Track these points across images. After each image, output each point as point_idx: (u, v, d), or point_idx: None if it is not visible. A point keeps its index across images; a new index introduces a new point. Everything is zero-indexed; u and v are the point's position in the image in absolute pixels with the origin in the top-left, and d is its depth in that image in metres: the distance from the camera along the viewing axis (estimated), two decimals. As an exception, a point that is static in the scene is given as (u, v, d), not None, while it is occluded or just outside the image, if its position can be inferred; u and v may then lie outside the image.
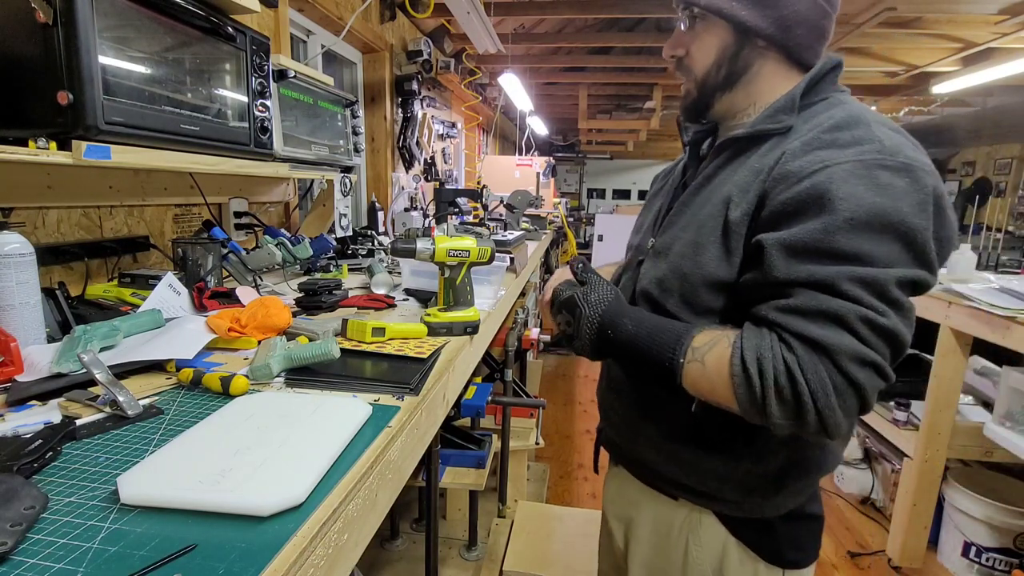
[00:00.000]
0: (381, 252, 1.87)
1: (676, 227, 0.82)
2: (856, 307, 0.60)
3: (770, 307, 0.65)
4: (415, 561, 1.95)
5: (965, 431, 2.06)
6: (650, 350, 0.72)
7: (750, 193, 0.72)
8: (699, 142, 0.92)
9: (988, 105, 5.54)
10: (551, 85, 6.10)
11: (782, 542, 0.82)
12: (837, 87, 0.78)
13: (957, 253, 2.34)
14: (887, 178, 0.62)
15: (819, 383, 0.59)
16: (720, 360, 0.66)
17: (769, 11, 0.74)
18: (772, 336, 0.63)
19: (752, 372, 0.62)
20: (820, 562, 2.22)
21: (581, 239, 9.75)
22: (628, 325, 0.75)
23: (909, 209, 0.62)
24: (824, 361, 0.60)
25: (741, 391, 0.64)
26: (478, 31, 2.72)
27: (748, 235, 0.71)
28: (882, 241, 0.61)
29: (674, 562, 0.87)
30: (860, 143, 0.65)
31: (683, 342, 0.70)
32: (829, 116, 0.71)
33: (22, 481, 0.50)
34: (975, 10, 3.13)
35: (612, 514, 1.01)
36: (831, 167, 0.64)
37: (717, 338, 0.68)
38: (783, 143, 0.72)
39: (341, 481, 0.54)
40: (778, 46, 0.77)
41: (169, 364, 0.83)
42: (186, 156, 1.13)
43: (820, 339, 0.60)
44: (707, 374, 0.67)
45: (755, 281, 0.68)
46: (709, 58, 0.80)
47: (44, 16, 0.84)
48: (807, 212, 0.64)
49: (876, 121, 0.69)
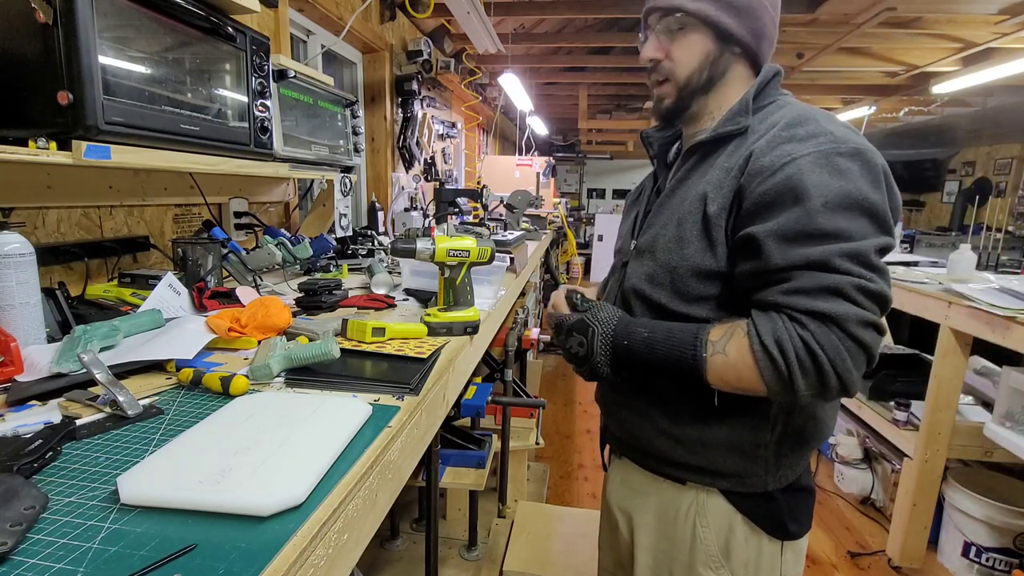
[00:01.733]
0: (381, 252, 1.87)
1: (656, 226, 0.88)
2: (849, 278, 0.68)
3: (775, 292, 0.72)
4: (415, 561, 1.95)
5: (965, 431, 2.06)
6: (670, 351, 0.77)
7: (724, 188, 0.79)
8: (665, 152, 1.01)
9: (988, 105, 5.54)
10: (551, 85, 6.10)
11: (783, 513, 0.87)
12: (780, 91, 0.87)
13: (957, 253, 2.34)
14: (844, 164, 0.72)
15: (834, 350, 0.67)
16: (741, 348, 0.72)
17: (746, 21, 0.83)
18: (783, 317, 0.70)
19: (775, 353, 0.69)
20: (820, 562, 2.23)
21: (581, 239, 9.75)
22: (642, 331, 0.80)
23: (868, 187, 0.71)
24: (834, 330, 0.68)
25: (768, 374, 0.70)
26: (478, 31, 2.72)
27: (727, 226, 0.79)
28: (853, 217, 0.70)
29: (681, 545, 0.90)
30: (815, 136, 0.74)
31: (700, 337, 0.75)
32: (781, 115, 0.80)
33: (22, 481, 0.50)
34: (975, 10, 3.13)
35: (616, 505, 1.02)
36: (797, 159, 0.72)
37: (731, 329, 0.74)
38: (745, 142, 0.81)
39: (341, 481, 0.54)
40: (748, 54, 0.86)
41: (169, 364, 0.83)
42: (186, 156, 1.13)
43: (826, 311, 0.68)
44: (732, 363, 0.73)
45: (753, 270, 0.75)
46: (693, 62, 0.85)
47: (44, 16, 0.84)
48: (784, 202, 0.72)
49: (822, 116, 0.78)
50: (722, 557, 0.88)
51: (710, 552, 0.88)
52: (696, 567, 0.89)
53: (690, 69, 0.86)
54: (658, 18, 0.86)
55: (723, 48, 0.85)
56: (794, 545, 0.90)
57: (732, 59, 0.86)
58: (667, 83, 0.88)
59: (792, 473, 0.88)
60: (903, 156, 7.87)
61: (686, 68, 0.86)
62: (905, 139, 7.37)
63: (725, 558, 0.87)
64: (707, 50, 0.85)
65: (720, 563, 0.88)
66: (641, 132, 1.05)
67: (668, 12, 0.84)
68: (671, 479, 0.92)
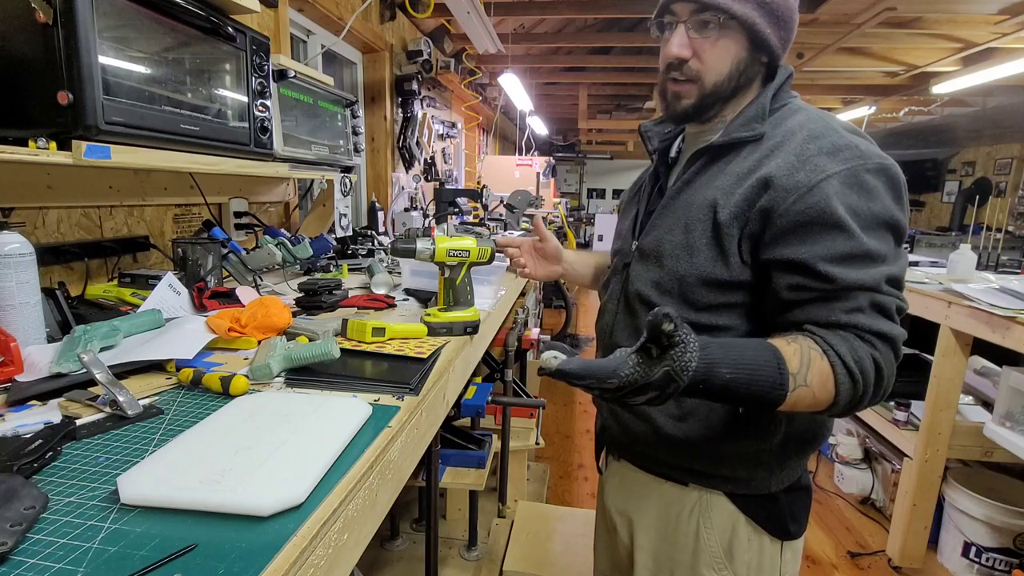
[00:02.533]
0: (381, 252, 1.87)
1: (660, 229, 0.85)
2: (895, 300, 0.72)
3: (836, 310, 0.71)
4: (415, 561, 1.95)
5: (965, 431, 2.05)
6: (751, 392, 0.67)
7: (736, 196, 0.76)
8: (666, 148, 0.97)
9: (988, 105, 5.54)
10: (551, 85, 6.11)
11: (785, 514, 0.88)
12: (790, 93, 0.85)
13: (957, 253, 2.34)
14: (872, 182, 0.72)
15: (890, 368, 0.72)
16: (823, 374, 0.69)
17: (782, 31, 0.79)
18: (855, 339, 0.71)
19: (858, 376, 0.70)
20: (820, 562, 2.23)
21: (581, 239, 9.75)
22: (724, 372, 0.66)
23: (893, 205, 0.73)
24: (891, 349, 0.72)
25: (845, 394, 0.70)
26: (478, 31, 2.72)
27: (740, 235, 0.77)
28: (886, 238, 0.72)
29: (684, 547, 0.90)
30: (841, 150, 0.73)
31: (784, 374, 0.67)
32: (797, 123, 0.79)
33: (22, 481, 0.50)
34: (975, 10, 3.14)
35: (615, 508, 1.01)
36: (830, 177, 0.72)
37: (804, 355, 0.70)
38: (759, 149, 0.78)
39: (341, 481, 0.54)
40: (771, 64, 0.83)
41: (169, 364, 0.83)
42: (186, 156, 1.13)
43: (887, 332, 0.71)
44: (812, 391, 0.70)
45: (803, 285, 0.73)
46: (725, 69, 0.80)
47: (44, 16, 0.84)
48: (825, 224, 0.71)
49: (839, 126, 0.78)
50: (725, 558, 0.87)
51: (713, 553, 0.88)
52: (699, 568, 0.88)
53: (721, 76, 0.80)
54: (690, 11, 0.77)
55: (754, 56, 0.80)
56: (792, 544, 0.90)
57: (758, 68, 0.82)
58: (690, 84, 0.81)
59: (794, 473, 0.88)
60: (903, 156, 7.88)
61: (717, 74, 0.80)
62: (905, 139, 7.37)
63: (728, 559, 0.87)
64: (740, 57, 0.79)
65: (723, 564, 0.87)
66: (640, 126, 0.99)
67: (706, 8, 0.76)
68: (673, 480, 0.91)
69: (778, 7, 0.77)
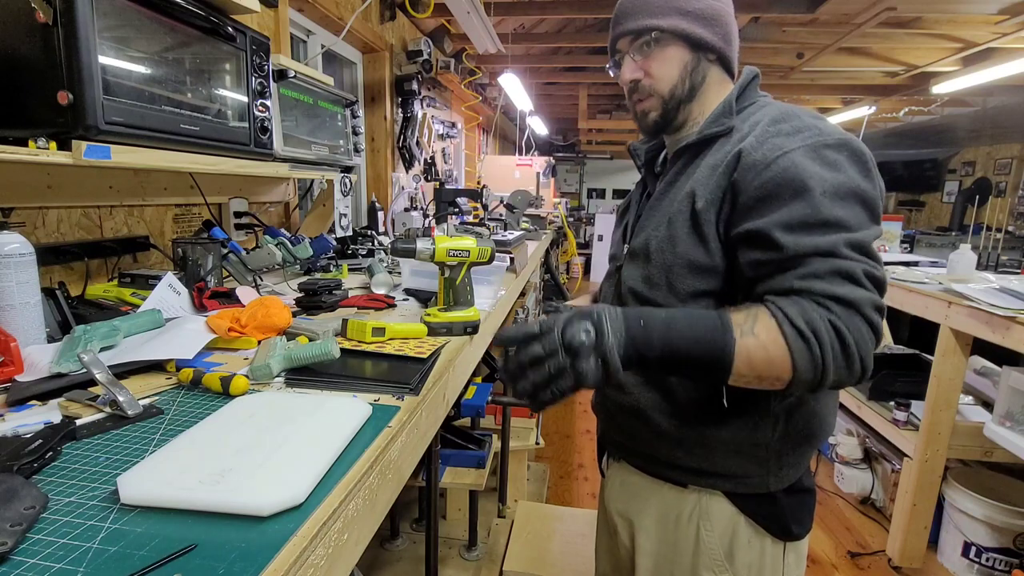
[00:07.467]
0: (381, 252, 1.87)
1: (648, 228, 0.89)
2: (859, 264, 0.69)
3: (789, 277, 0.71)
4: (415, 561, 1.95)
5: (965, 431, 2.06)
6: (693, 333, 0.69)
7: (711, 184, 0.80)
8: (652, 161, 1.03)
9: (988, 105, 5.54)
10: (551, 85, 6.11)
11: (786, 514, 0.87)
12: (759, 93, 0.90)
13: (957, 253, 2.34)
14: (832, 155, 0.74)
15: (858, 333, 0.67)
16: (770, 330, 0.68)
17: (716, 28, 0.87)
18: (808, 302, 0.68)
19: (809, 336, 0.66)
20: (820, 562, 2.23)
21: (581, 239, 9.75)
22: (659, 313, 0.71)
23: (859, 177, 0.73)
24: (855, 314, 0.68)
25: (801, 357, 0.67)
26: (478, 31, 2.72)
27: (717, 220, 0.80)
28: (851, 206, 0.72)
29: (684, 549, 0.90)
30: (801, 131, 0.76)
31: (724, 318, 0.69)
32: (764, 114, 0.82)
33: (22, 481, 0.50)
34: (975, 10, 3.13)
35: (615, 510, 1.02)
36: (789, 152, 0.74)
37: (753, 313, 0.70)
38: (729, 141, 0.83)
39: (341, 481, 0.54)
40: (721, 58, 0.89)
41: (169, 364, 0.83)
42: (186, 156, 1.13)
43: (846, 295, 0.68)
44: (763, 344, 0.67)
45: (761, 259, 0.74)
46: (674, 73, 0.88)
47: (44, 16, 0.84)
48: (784, 194, 0.73)
49: (803, 113, 0.81)
50: (725, 560, 0.87)
51: (713, 555, 0.88)
52: (699, 570, 0.89)
53: (672, 81, 0.88)
54: (629, 41, 0.89)
55: (699, 56, 0.88)
56: (796, 546, 0.90)
57: (708, 65, 0.89)
58: (651, 98, 0.90)
59: (794, 473, 0.88)
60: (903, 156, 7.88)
61: (668, 81, 0.88)
62: (905, 139, 7.37)
63: (728, 561, 0.87)
64: (685, 60, 0.87)
65: (723, 566, 0.87)
66: (628, 145, 1.07)
67: (640, 33, 0.87)
68: (672, 482, 0.91)
69: (702, 10, 0.86)
